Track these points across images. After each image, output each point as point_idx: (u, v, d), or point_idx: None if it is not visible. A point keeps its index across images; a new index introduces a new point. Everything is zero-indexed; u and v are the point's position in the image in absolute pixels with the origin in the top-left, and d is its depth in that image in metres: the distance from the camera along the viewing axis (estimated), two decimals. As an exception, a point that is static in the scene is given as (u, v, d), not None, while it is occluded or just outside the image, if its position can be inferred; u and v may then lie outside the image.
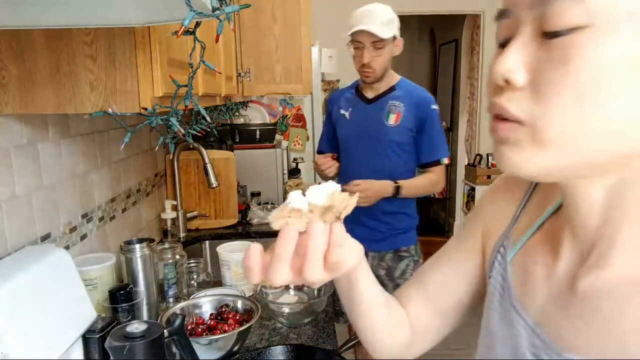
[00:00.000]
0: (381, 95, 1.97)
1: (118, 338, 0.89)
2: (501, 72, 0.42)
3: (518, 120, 0.42)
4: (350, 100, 2.04)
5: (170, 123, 0.94)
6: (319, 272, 0.46)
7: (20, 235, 1.04)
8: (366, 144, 1.96)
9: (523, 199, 0.62)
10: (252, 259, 0.48)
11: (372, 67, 1.87)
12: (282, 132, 3.28)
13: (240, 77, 2.11)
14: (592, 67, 0.38)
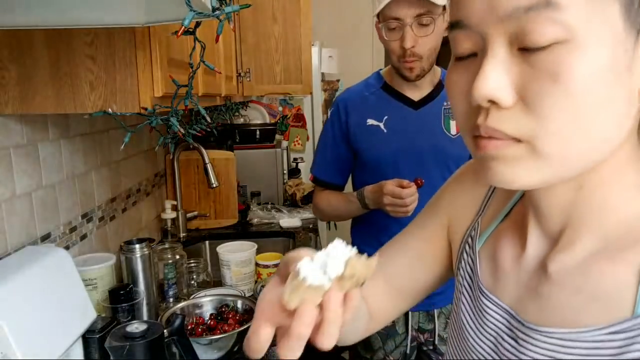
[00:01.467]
0: (431, 96, 1.42)
1: (118, 338, 0.89)
2: (485, 92, 0.40)
3: (514, 138, 0.41)
4: (382, 105, 1.43)
5: (170, 123, 0.94)
6: (334, 339, 0.42)
7: (20, 235, 1.04)
8: (419, 165, 1.38)
9: (489, 190, 0.62)
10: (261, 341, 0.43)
11: (417, 54, 1.30)
12: (282, 132, 3.28)
13: (240, 77, 2.11)
14: (582, 78, 0.38)
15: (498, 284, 0.55)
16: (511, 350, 0.50)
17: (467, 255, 0.60)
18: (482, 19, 0.41)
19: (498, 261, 0.55)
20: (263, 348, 0.43)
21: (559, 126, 0.39)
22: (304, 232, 2.11)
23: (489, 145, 0.42)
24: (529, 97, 0.40)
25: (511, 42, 0.40)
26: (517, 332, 0.50)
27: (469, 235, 0.61)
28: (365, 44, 4.05)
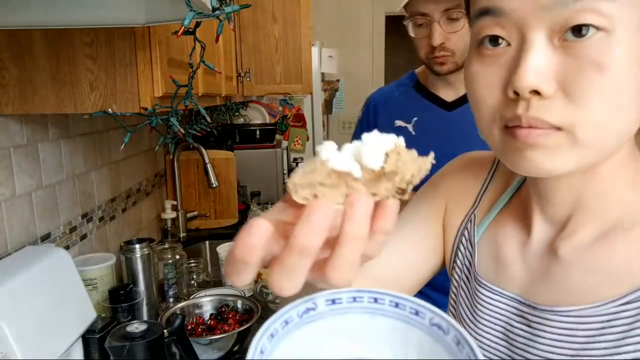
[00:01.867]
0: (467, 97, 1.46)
1: (118, 338, 0.89)
2: (529, 83, 0.40)
3: (556, 127, 0.41)
4: (413, 106, 1.32)
5: (170, 123, 0.94)
6: (351, 274, 0.30)
7: (20, 235, 1.04)
8: None
9: (486, 180, 0.62)
10: (252, 244, 0.29)
11: (449, 49, 1.21)
12: (282, 132, 3.28)
13: (240, 77, 2.11)
14: (623, 68, 0.39)
15: (502, 273, 0.55)
16: (525, 335, 0.51)
17: (465, 248, 0.60)
18: (523, 7, 0.40)
19: (501, 251, 0.56)
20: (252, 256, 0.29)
21: (600, 114, 0.40)
22: (304, 232, 2.11)
23: (530, 134, 0.42)
24: (571, 87, 0.40)
25: (552, 32, 0.40)
26: (529, 317, 0.51)
27: (465, 227, 0.61)
28: (365, 44, 4.05)
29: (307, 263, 0.29)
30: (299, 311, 0.32)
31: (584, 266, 0.48)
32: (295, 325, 0.32)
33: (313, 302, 0.33)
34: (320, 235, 0.28)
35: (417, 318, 0.33)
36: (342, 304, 0.34)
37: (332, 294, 0.33)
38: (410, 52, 4.61)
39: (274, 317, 0.31)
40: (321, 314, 0.33)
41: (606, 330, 0.45)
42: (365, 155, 0.28)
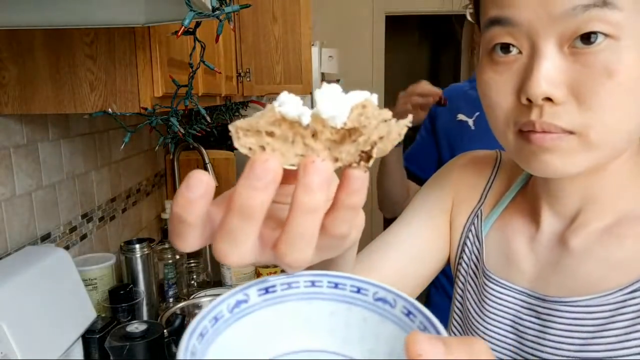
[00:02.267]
0: None
1: (118, 338, 0.89)
2: (542, 91, 0.42)
3: (568, 131, 0.43)
4: (478, 100, 1.25)
5: (170, 123, 0.94)
6: (306, 252, 0.26)
7: (20, 235, 1.04)
8: None
9: (490, 176, 0.63)
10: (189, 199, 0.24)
11: None
12: (282, 132, 3.27)
13: (240, 77, 2.11)
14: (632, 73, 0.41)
15: (511, 267, 0.56)
16: (535, 327, 0.52)
17: (472, 244, 0.61)
18: (534, 18, 0.42)
19: (510, 245, 0.57)
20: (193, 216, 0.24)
21: (610, 118, 0.42)
22: (304, 232, 2.11)
23: (544, 139, 0.44)
24: (581, 92, 0.42)
25: (561, 40, 0.42)
26: (539, 309, 0.52)
27: (472, 223, 0.62)
28: (365, 44, 4.05)
29: (250, 226, 0.24)
30: (229, 305, 0.29)
31: (594, 257, 0.49)
32: (225, 321, 0.29)
33: (244, 294, 0.29)
34: (263, 192, 0.23)
35: (359, 296, 0.30)
36: (276, 292, 0.30)
37: (264, 283, 0.30)
38: (409, 52, 4.62)
39: (202, 314, 0.27)
40: (254, 306, 0.30)
41: (615, 318, 0.46)
42: (321, 104, 0.23)
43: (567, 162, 0.44)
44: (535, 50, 0.43)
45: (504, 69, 0.46)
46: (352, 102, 0.24)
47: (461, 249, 0.62)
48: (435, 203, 0.66)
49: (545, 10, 0.41)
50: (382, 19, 4.05)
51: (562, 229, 0.53)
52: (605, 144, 0.44)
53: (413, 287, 0.67)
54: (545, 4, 0.41)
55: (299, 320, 0.31)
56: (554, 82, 0.42)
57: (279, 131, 0.24)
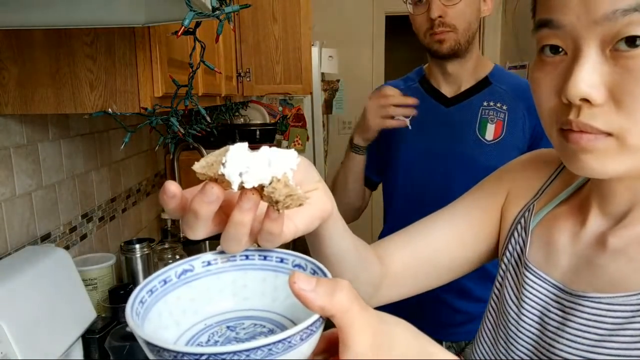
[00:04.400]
0: (469, 93, 1.21)
1: (118, 338, 0.89)
2: (579, 92, 0.43)
3: (605, 132, 0.44)
4: None
5: (170, 123, 0.94)
6: (237, 248, 0.38)
7: (20, 235, 1.04)
8: (444, 174, 1.19)
9: (551, 176, 0.64)
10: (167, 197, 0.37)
11: (449, 24, 1.12)
12: (282, 132, 3.27)
13: (240, 77, 2.11)
14: None
15: (549, 260, 0.57)
16: (557, 319, 0.53)
17: (519, 235, 0.63)
18: (577, 21, 0.43)
19: (552, 239, 0.58)
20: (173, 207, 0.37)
21: None
22: (304, 232, 2.11)
23: (581, 139, 0.45)
24: (621, 95, 0.43)
25: (603, 43, 0.43)
26: (564, 302, 0.53)
27: (522, 216, 0.64)
28: (365, 44, 4.05)
29: (199, 222, 0.36)
30: (177, 272, 0.38)
31: (627, 256, 0.50)
32: (173, 284, 0.37)
33: (190, 264, 0.38)
34: (209, 204, 0.35)
35: (282, 264, 0.39)
36: (217, 264, 0.39)
37: (207, 256, 0.39)
38: (409, 52, 4.59)
39: (154, 275, 0.37)
40: (198, 274, 0.38)
41: (635, 319, 0.46)
42: (249, 176, 0.33)
43: (604, 164, 0.45)
44: (578, 52, 0.44)
45: (551, 69, 0.47)
46: (274, 171, 0.34)
47: (508, 240, 0.64)
48: (486, 197, 0.70)
49: (587, 14, 0.42)
50: (382, 19, 4.05)
51: (605, 229, 0.54)
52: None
53: (448, 267, 0.70)
54: (586, 8, 0.42)
55: (237, 286, 0.39)
56: (593, 84, 0.43)
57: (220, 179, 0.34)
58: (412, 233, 0.70)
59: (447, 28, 1.12)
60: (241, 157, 0.34)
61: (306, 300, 0.31)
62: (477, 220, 0.70)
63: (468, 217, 0.70)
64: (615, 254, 0.51)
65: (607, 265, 0.51)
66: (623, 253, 0.50)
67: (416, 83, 1.30)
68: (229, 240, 0.37)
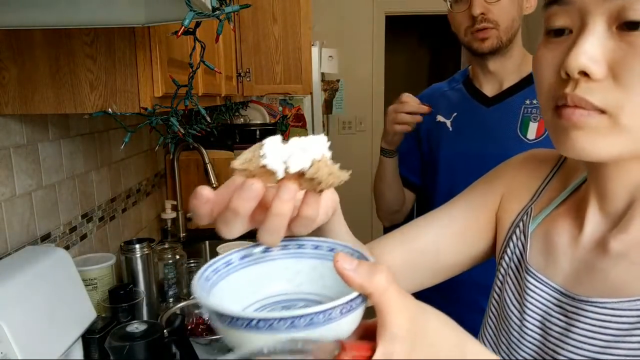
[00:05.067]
0: (510, 92, 1.18)
1: (118, 338, 0.89)
2: (579, 64, 0.43)
3: (599, 109, 0.44)
4: (455, 101, 1.26)
5: (170, 123, 0.94)
6: (276, 240, 0.39)
7: (20, 235, 1.04)
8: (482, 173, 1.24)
9: (547, 177, 0.63)
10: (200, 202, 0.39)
11: (492, 20, 1.10)
12: (282, 132, 3.27)
13: (240, 77, 2.11)
14: None
15: (550, 264, 0.56)
16: (560, 324, 0.52)
17: (517, 238, 0.62)
18: None
19: (552, 243, 0.57)
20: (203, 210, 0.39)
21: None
22: (304, 232, 2.11)
23: (573, 114, 0.45)
24: (621, 72, 0.42)
25: (610, 19, 0.43)
26: (567, 307, 0.52)
27: (521, 219, 0.63)
28: (365, 44, 4.05)
29: (238, 220, 0.38)
30: (239, 256, 0.42)
31: (629, 261, 0.49)
32: (234, 267, 0.42)
33: (250, 250, 0.43)
34: (249, 200, 0.37)
35: (331, 253, 0.42)
36: (274, 251, 0.43)
37: (262, 245, 0.43)
38: (409, 52, 4.59)
39: (218, 257, 0.41)
40: (257, 259, 0.43)
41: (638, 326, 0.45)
42: (292, 161, 0.36)
43: (594, 142, 0.45)
44: (584, 27, 0.44)
45: (555, 46, 0.47)
46: (313, 155, 0.36)
47: (506, 243, 0.64)
48: (481, 197, 0.70)
49: None
50: (382, 19, 4.05)
51: (605, 232, 0.52)
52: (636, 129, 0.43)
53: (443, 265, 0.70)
54: None
55: (291, 272, 0.43)
56: (594, 58, 0.42)
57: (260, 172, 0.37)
58: (407, 232, 0.70)
59: (489, 24, 1.10)
60: (278, 147, 0.37)
61: (347, 278, 0.33)
62: (472, 220, 0.69)
63: (463, 216, 0.70)
64: (616, 258, 0.50)
65: (609, 269, 0.50)
66: (624, 257, 0.49)
67: (460, 84, 1.29)
68: (269, 232, 0.38)
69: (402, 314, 0.33)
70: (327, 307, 0.32)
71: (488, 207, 0.68)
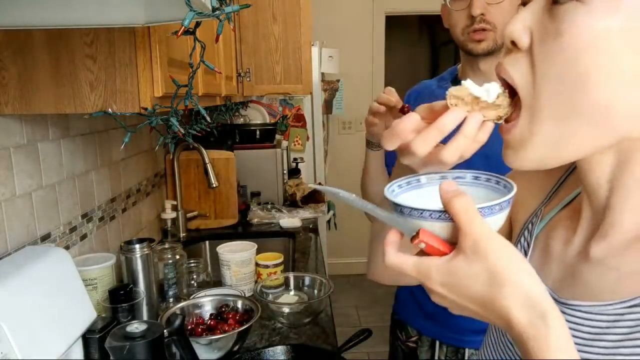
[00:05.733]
0: None
1: (118, 338, 0.89)
2: (509, 32, 0.46)
3: (514, 85, 0.46)
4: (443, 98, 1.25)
5: (170, 123, 0.94)
6: (456, 156, 0.51)
7: (20, 235, 1.04)
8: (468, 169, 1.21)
9: (560, 178, 0.64)
10: (408, 122, 0.52)
11: (490, 22, 1.10)
12: (282, 132, 3.27)
13: (240, 77, 2.11)
14: (583, 39, 0.40)
15: (544, 267, 0.57)
16: None
17: (525, 240, 0.62)
18: None
19: (549, 246, 0.58)
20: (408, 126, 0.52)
21: (549, 79, 0.43)
22: (304, 232, 2.11)
23: (500, 129, 0.50)
24: (537, 47, 0.44)
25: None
26: None
27: (530, 221, 0.63)
28: (365, 44, 4.05)
29: (439, 137, 0.51)
30: (417, 179, 0.57)
31: (607, 265, 0.49)
32: (412, 187, 0.56)
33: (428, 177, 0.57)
34: (451, 123, 0.50)
35: (484, 182, 0.55)
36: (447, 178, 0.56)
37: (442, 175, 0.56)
38: (409, 52, 4.59)
39: (401, 178, 0.56)
40: (428, 184, 0.56)
41: (611, 330, 0.46)
42: (489, 92, 0.49)
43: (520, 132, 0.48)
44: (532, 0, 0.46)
45: None
46: (496, 90, 0.49)
47: (516, 245, 0.64)
48: None
49: None
50: (382, 19, 4.05)
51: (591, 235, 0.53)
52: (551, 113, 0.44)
53: None
54: None
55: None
56: (522, 27, 0.45)
57: (467, 99, 0.51)
58: None
59: (488, 26, 1.10)
60: (476, 85, 0.50)
61: (441, 197, 0.46)
62: None
63: None
64: (595, 263, 0.51)
65: (588, 274, 0.51)
66: (601, 263, 0.50)
67: (448, 82, 1.30)
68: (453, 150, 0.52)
69: (467, 237, 0.43)
70: (420, 207, 0.46)
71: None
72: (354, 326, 3.42)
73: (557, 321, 0.41)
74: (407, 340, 1.40)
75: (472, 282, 0.43)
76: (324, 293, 1.40)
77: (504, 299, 0.42)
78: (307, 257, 1.87)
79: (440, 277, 0.45)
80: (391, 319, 1.49)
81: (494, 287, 0.42)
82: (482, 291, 0.43)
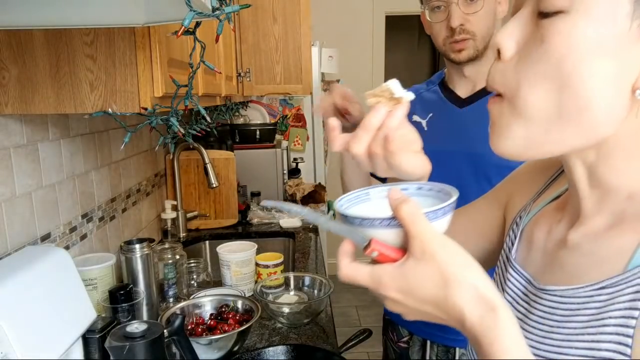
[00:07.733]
0: (483, 92, 1.21)
1: (118, 338, 0.89)
2: (496, 42, 0.48)
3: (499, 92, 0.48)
4: (431, 102, 1.30)
5: (170, 123, 0.94)
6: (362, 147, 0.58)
7: (20, 235, 1.04)
8: (453, 172, 1.17)
9: (551, 176, 0.66)
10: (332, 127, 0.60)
11: (469, 31, 1.14)
12: (282, 132, 3.27)
13: (240, 77, 2.11)
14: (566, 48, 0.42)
15: (528, 256, 0.59)
16: (523, 311, 0.55)
17: (512, 233, 0.65)
18: None
19: (533, 237, 0.60)
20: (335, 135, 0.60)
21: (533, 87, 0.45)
22: (304, 232, 2.11)
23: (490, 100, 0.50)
24: (522, 56, 0.46)
25: (535, 6, 0.45)
26: (530, 295, 0.55)
27: (519, 215, 0.65)
28: (365, 44, 4.05)
29: (367, 135, 0.58)
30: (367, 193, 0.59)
31: (582, 251, 0.51)
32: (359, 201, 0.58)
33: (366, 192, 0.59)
34: (379, 119, 0.57)
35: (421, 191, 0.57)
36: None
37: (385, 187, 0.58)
38: (409, 52, 4.59)
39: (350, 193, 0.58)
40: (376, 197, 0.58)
41: (580, 312, 0.47)
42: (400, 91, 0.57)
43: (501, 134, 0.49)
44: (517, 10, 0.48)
45: None
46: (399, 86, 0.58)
47: (504, 240, 0.67)
48: (494, 191, 0.76)
49: None
50: (382, 19, 4.05)
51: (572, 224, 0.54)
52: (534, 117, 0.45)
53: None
54: None
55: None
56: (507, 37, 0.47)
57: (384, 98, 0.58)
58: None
59: (467, 35, 1.14)
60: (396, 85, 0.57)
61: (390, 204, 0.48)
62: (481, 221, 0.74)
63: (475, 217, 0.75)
64: (572, 249, 0.52)
65: (565, 260, 0.53)
66: (578, 248, 0.52)
67: (436, 86, 1.33)
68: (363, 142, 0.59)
69: (415, 240, 0.45)
70: (370, 216, 0.47)
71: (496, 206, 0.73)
72: (354, 326, 3.42)
73: (508, 321, 0.42)
74: (398, 340, 1.40)
75: (424, 283, 0.44)
76: (324, 293, 1.40)
77: (455, 297, 0.43)
78: (307, 257, 1.87)
79: (393, 282, 0.46)
80: (383, 320, 1.50)
81: (445, 286, 0.43)
82: (435, 292, 0.44)
